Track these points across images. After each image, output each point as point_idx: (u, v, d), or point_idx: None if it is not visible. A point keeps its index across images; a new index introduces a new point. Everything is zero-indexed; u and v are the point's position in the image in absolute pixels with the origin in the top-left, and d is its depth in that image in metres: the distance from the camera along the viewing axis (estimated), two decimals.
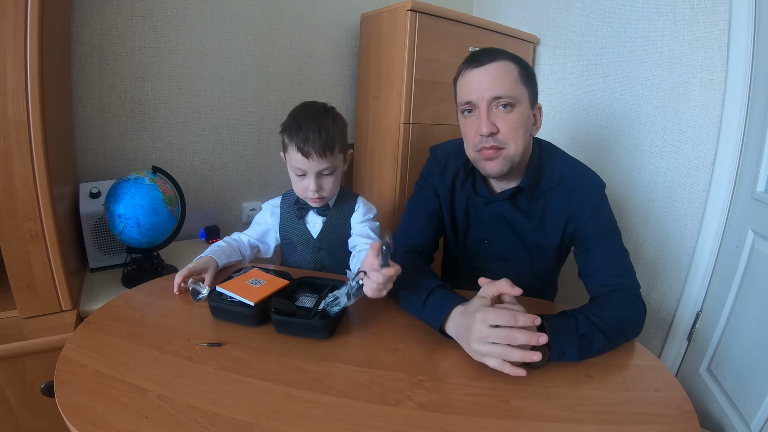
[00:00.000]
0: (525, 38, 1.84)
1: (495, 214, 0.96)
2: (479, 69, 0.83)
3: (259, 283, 0.83)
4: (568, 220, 0.91)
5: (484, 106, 0.82)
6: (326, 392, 0.61)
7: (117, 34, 1.32)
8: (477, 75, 0.83)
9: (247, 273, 0.87)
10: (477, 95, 0.83)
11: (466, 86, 0.85)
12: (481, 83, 0.82)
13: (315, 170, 0.94)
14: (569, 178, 0.91)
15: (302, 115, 0.96)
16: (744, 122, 1.28)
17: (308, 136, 0.91)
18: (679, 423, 0.60)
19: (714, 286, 1.38)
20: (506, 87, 0.81)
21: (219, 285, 0.80)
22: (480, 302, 0.70)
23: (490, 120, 0.82)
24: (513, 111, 0.82)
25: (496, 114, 0.83)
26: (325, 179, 0.96)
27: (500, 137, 0.83)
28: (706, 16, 1.35)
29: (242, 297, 0.77)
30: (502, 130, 0.82)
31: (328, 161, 0.94)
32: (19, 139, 0.81)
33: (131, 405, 0.56)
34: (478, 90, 0.82)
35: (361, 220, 1.05)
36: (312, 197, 0.98)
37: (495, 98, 0.81)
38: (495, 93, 0.81)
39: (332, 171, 0.96)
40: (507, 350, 0.64)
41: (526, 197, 0.92)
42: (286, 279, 0.87)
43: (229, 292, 0.78)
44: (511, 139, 0.83)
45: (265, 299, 0.78)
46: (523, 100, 0.84)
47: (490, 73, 0.82)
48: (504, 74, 0.81)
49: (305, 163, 0.93)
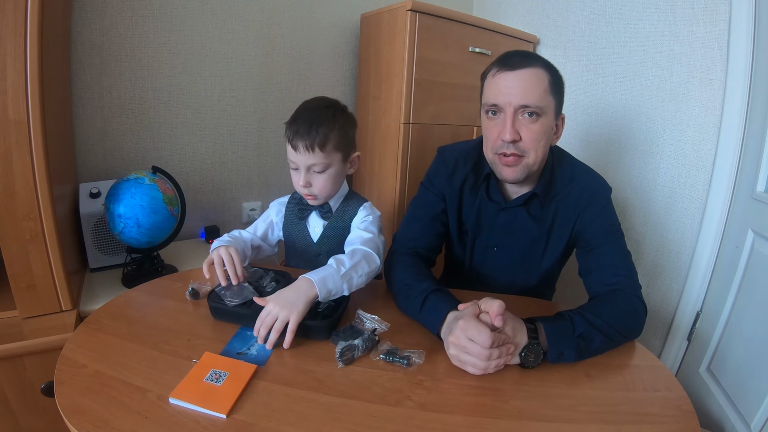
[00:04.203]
0: (525, 38, 1.84)
1: (508, 221, 0.95)
2: (511, 73, 0.80)
3: (222, 377, 0.62)
4: (574, 223, 0.91)
5: (510, 112, 0.81)
6: (326, 392, 0.61)
7: (117, 34, 1.32)
8: (508, 79, 0.81)
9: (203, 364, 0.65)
10: (505, 100, 0.81)
11: (494, 88, 0.83)
12: (511, 88, 0.80)
13: (304, 164, 0.92)
14: (578, 181, 0.91)
15: (303, 107, 0.95)
16: (744, 122, 1.28)
17: (299, 128, 0.89)
18: (679, 423, 0.60)
19: (714, 286, 1.38)
20: (535, 96, 0.79)
21: (171, 395, 0.58)
22: (470, 310, 0.70)
23: (514, 127, 0.81)
24: (538, 121, 0.81)
25: (521, 122, 0.81)
26: (315, 176, 0.93)
27: (522, 145, 0.82)
28: (706, 16, 1.35)
29: (207, 408, 0.56)
30: (525, 138, 0.82)
31: (316, 157, 0.90)
32: (19, 139, 0.81)
33: (131, 405, 0.56)
34: (507, 95, 0.80)
35: (359, 222, 1.02)
36: (304, 193, 0.97)
37: (522, 106, 0.80)
38: (523, 101, 0.79)
39: (323, 169, 0.92)
40: (482, 366, 0.65)
41: (538, 203, 0.92)
42: (285, 279, 0.87)
43: (189, 404, 0.57)
44: (533, 148, 0.82)
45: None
46: (550, 110, 0.82)
47: (522, 80, 0.79)
48: (535, 83, 0.80)
49: (294, 155, 0.92)
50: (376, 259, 0.87)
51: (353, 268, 0.81)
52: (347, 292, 0.80)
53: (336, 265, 0.79)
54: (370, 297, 0.91)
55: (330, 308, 0.79)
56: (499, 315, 0.66)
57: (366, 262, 0.84)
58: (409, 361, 0.68)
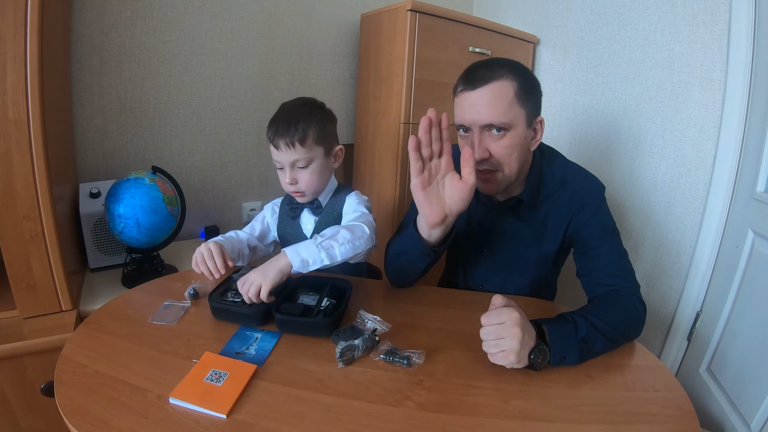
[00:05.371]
0: (525, 38, 1.84)
1: (497, 224, 0.96)
2: (473, 92, 0.80)
3: (222, 377, 0.62)
4: (568, 224, 0.91)
5: (476, 132, 0.81)
6: (326, 392, 0.61)
7: (117, 34, 1.32)
8: (470, 98, 0.81)
9: (204, 363, 0.65)
10: (470, 119, 0.81)
11: (460, 108, 0.84)
12: (474, 107, 0.80)
13: (288, 162, 0.94)
14: (570, 182, 0.91)
15: (280, 108, 0.98)
16: (744, 122, 1.28)
17: (278, 127, 0.92)
18: (679, 423, 0.60)
19: (714, 286, 1.38)
20: (499, 113, 0.79)
21: (171, 395, 0.58)
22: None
23: (482, 146, 0.81)
24: (506, 135, 0.81)
25: (489, 138, 0.82)
26: (300, 172, 0.95)
27: (493, 161, 0.82)
28: (706, 17, 1.35)
29: (207, 408, 0.57)
30: (495, 154, 0.82)
31: (298, 153, 0.92)
32: (19, 139, 0.81)
33: (131, 405, 0.56)
34: (470, 114, 0.81)
35: (347, 208, 1.02)
36: (291, 191, 0.98)
37: (487, 125, 0.80)
38: (487, 120, 0.79)
39: (307, 163, 0.94)
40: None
41: (527, 206, 0.92)
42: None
43: (190, 404, 0.57)
44: (505, 162, 0.83)
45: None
46: (519, 122, 0.81)
47: (483, 98, 0.79)
48: (498, 98, 0.79)
49: (277, 154, 0.94)
50: (363, 227, 0.88)
51: (332, 238, 0.83)
52: (329, 260, 0.81)
53: (313, 238, 0.83)
54: (371, 297, 0.91)
55: (331, 307, 0.80)
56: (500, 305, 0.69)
57: (348, 230, 0.86)
58: (409, 362, 0.68)
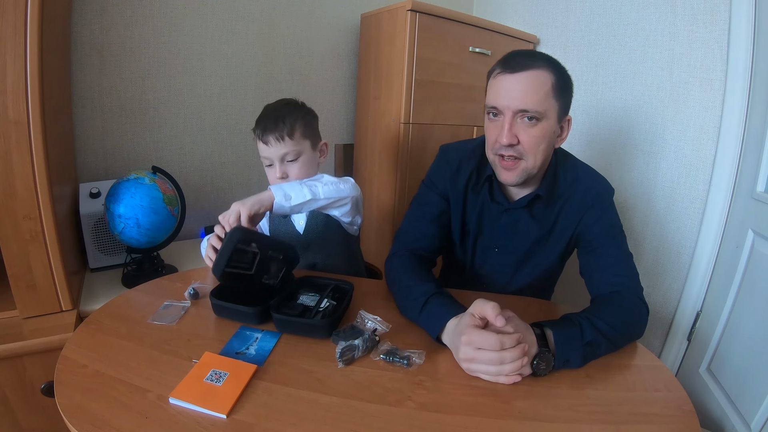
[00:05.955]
0: (525, 38, 1.84)
1: (511, 223, 0.95)
2: (511, 76, 0.79)
3: (222, 377, 0.62)
4: (577, 224, 0.91)
5: (508, 116, 0.80)
6: (326, 392, 0.61)
7: (117, 34, 1.32)
8: (507, 81, 0.79)
9: (204, 364, 0.65)
10: (504, 103, 0.80)
11: (495, 90, 0.82)
12: (511, 92, 0.79)
13: (277, 156, 0.98)
14: (582, 183, 0.91)
15: (264, 109, 1.03)
16: (744, 122, 1.28)
17: (266, 124, 0.97)
18: (679, 423, 0.60)
19: (714, 286, 1.38)
20: (535, 101, 0.78)
21: (171, 395, 0.58)
22: (467, 321, 0.68)
23: (512, 131, 0.80)
24: (538, 125, 0.80)
25: (520, 125, 0.81)
26: (290, 166, 0.99)
27: (520, 149, 0.81)
28: (706, 16, 1.35)
29: (207, 408, 0.56)
30: (524, 142, 0.81)
31: (287, 146, 0.97)
32: (19, 139, 0.81)
33: (131, 405, 0.56)
34: (506, 98, 0.79)
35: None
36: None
37: (521, 111, 0.79)
38: (522, 106, 0.78)
39: (296, 156, 0.99)
40: (496, 371, 0.64)
41: (541, 204, 0.91)
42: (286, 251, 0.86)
43: (190, 404, 0.57)
44: (531, 153, 0.82)
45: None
46: (551, 114, 0.80)
47: (521, 83, 0.78)
48: (536, 86, 0.78)
49: (266, 150, 0.98)
50: (348, 178, 0.97)
51: (317, 180, 0.92)
52: (311, 195, 0.87)
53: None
54: (372, 297, 0.91)
55: (330, 308, 0.79)
56: (498, 315, 0.65)
57: (330, 178, 0.93)
58: (409, 362, 0.68)
